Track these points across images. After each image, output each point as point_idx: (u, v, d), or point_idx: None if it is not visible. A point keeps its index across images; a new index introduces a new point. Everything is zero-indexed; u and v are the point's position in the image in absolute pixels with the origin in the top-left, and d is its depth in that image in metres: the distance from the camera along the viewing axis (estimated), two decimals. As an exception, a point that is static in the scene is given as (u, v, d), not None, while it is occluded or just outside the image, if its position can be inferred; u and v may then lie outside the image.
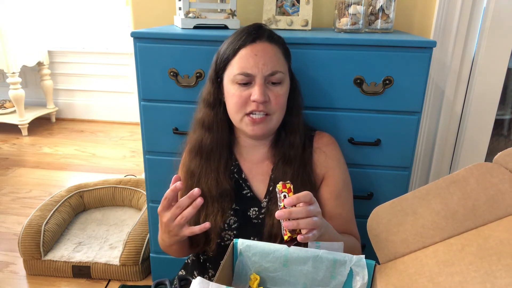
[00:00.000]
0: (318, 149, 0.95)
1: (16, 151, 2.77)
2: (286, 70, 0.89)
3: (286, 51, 0.92)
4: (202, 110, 0.93)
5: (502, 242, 0.49)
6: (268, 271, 0.70)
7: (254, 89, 0.84)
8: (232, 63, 0.86)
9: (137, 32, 1.11)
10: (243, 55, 0.85)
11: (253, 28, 0.88)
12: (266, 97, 0.85)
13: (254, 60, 0.83)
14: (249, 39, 0.85)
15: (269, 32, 0.89)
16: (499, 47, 1.45)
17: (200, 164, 0.93)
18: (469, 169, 0.56)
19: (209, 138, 0.92)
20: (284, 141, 0.93)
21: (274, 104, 0.86)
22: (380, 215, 0.64)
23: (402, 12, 1.45)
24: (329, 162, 0.94)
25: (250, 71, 0.84)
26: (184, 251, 0.95)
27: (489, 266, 0.47)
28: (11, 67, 2.87)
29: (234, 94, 0.86)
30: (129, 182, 1.92)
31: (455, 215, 0.56)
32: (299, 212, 0.66)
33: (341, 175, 0.95)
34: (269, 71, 0.84)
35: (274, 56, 0.86)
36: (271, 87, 0.86)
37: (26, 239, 1.53)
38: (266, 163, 0.95)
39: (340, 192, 0.94)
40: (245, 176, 0.96)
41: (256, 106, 0.84)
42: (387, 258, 0.64)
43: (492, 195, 0.53)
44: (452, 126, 1.58)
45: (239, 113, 0.87)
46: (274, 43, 0.88)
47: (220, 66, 0.89)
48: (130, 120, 3.38)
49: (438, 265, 0.54)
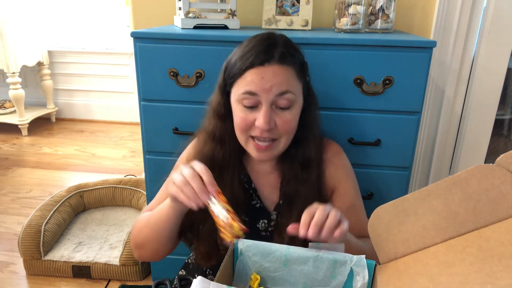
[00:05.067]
0: (328, 160, 0.91)
1: (16, 151, 2.77)
2: (299, 89, 0.82)
3: (301, 68, 0.83)
4: (212, 121, 0.87)
5: (503, 244, 0.49)
6: (269, 271, 0.70)
7: (259, 114, 0.78)
8: (239, 82, 0.80)
9: (137, 32, 1.11)
10: (249, 77, 0.78)
11: (264, 46, 0.79)
12: (272, 123, 0.78)
13: (261, 82, 0.77)
14: (258, 60, 0.77)
15: (281, 52, 0.78)
16: (499, 47, 1.45)
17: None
18: (470, 170, 0.55)
19: (221, 152, 0.87)
20: (296, 158, 0.87)
21: (281, 130, 0.80)
22: (381, 215, 0.64)
23: (402, 12, 1.45)
24: (339, 173, 0.91)
25: (255, 91, 0.77)
26: (166, 246, 0.87)
27: (490, 267, 0.47)
28: (11, 67, 2.87)
29: (239, 115, 0.81)
30: (129, 182, 1.92)
31: (456, 216, 0.56)
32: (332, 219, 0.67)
33: (351, 184, 0.93)
34: (277, 91, 0.77)
35: (283, 78, 0.78)
36: (279, 112, 0.79)
37: (26, 239, 1.53)
38: (274, 174, 0.91)
39: (352, 201, 0.91)
40: (255, 186, 0.92)
41: (260, 133, 0.79)
42: (388, 258, 0.64)
43: (494, 196, 0.53)
44: (452, 126, 1.58)
45: (244, 135, 0.82)
46: (286, 64, 0.79)
47: (227, 81, 0.83)
48: (130, 120, 3.38)
49: (439, 266, 0.54)
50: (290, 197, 0.87)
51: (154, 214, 0.84)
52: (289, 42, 0.83)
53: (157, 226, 0.83)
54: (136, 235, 0.88)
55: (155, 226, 0.83)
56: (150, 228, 0.85)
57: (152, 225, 0.84)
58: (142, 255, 0.91)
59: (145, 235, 0.86)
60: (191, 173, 0.70)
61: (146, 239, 0.86)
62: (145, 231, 0.86)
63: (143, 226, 0.86)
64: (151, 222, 0.84)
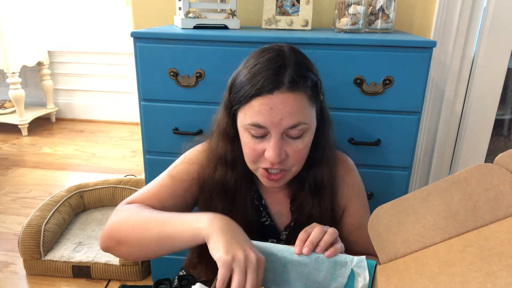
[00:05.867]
0: (340, 178, 0.86)
1: (16, 151, 2.77)
2: (313, 115, 0.74)
3: (314, 91, 0.73)
4: (221, 144, 0.80)
5: (503, 243, 0.49)
6: (269, 272, 0.70)
7: (269, 145, 0.71)
8: (245, 110, 0.71)
9: (137, 32, 1.11)
10: (257, 106, 0.69)
11: (273, 71, 0.69)
12: (283, 155, 0.72)
13: (269, 113, 0.68)
14: (266, 89, 0.68)
15: (292, 77, 0.69)
16: (499, 47, 1.45)
17: (226, 206, 0.82)
18: (470, 170, 0.56)
19: (233, 176, 0.81)
20: (307, 180, 0.82)
21: (292, 160, 0.74)
22: (381, 215, 0.64)
23: (402, 12, 1.45)
24: (350, 191, 0.87)
25: (264, 124, 0.69)
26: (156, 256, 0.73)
27: (490, 267, 0.47)
28: (11, 67, 2.87)
29: (247, 144, 0.74)
30: (129, 182, 1.92)
31: (456, 215, 0.56)
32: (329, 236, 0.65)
33: (361, 203, 0.89)
34: (288, 125, 0.69)
35: (295, 108, 0.69)
36: (290, 141, 0.72)
37: (26, 239, 1.53)
38: (284, 192, 0.87)
39: (362, 221, 0.87)
40: (265, 203, 0.88)
41: (270, 165, 0.73)
42: (388, 258, 0.64)
43: (493, 196, 0.53)
44: (452, 126, 1.58)
45: (253, 165, 0.76)
46: (297, 90, 0.69)
47: (233, 104, 0.74)
48: (130, 120, 3.38)
49: (438, 265, 0.54)
50: (302, 221, 0.83)
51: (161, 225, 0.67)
52: (300, 60, 0.73)
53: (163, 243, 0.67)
54: (118, 229, 0.71)
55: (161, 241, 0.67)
56: (148, 234, 0.68)
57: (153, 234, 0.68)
58: (114, 250, 0.73)
59: (135, 236, 0.69)
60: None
61: (133, 240, 0.70)
62: (138, 232, 0.70)
63: (135, 224, 0.70)
64: (153, 230, 0.68)
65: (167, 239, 0.67)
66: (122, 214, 0.74)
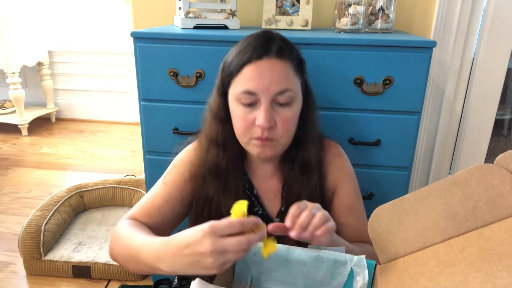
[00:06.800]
0: (329, 162, 0.90)
1: (16, 151, 2.77)
2: (298, 86, 0.80)
3: (299, 65, 0.81)
4: (213, 126, 0.85)
5: (503, 243, 0.49)
6: (269, 271, 0.70)
7: (259, 112, 0.76)
8: (236, 80, 0.77)
9: (137, 32, 1.11)
10: (247, 73, 0.76)
11: (261, 41, 0.78)
12: (272, 121, 0.76)
13: (259, 79, 0.75)
14: (255, 55, 0.75)
15: (279, 46, 0.77)
16: (499, 47, 1.45)
17: (219, 188, 0.85)
18: (470, 170, 0.56)
19: (225, 157, 0.84)
20: (296, 161, 0.86)
21: (280, 129, 0.78)
22: (381, 215, 0.64)
23: (402, 12, 1.45)
24: (339, 174, 0.90)
25: (254, 90, 0.75)
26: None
27: (490, 267, 0.47)
28: (11, 67, 2.87)
29: (238, 115, 0.78)
30: (129, 182, 1.92)
31: (455, 216, 0.56)
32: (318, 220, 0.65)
33: (351, 186, 0.91)
34: (277, 90, 0.75)
35: (283, 74, 0.76)
36: (279, 109, 0.77)
37: (26, 239, 1.53)
38: (274, 179, 0.90)
39: (352, 203, 0.90)
40: (257, 193, 0.90)
41: (261, 133, 0.77)
42: (388, 258, 0.64)
43: (493, 196, 0.53)
44: (452, 126, 1.59)
45: (245, 137, 0.80)
46: (284, 58, 0.77)
47: (225, 81, 0.81)
48: (130, 120, 3.38)
49: (438, 266, 0.54)
50: (292, 202, 0.86)
51: (142, 256, 0.66)
52: (285, 39, 0.82)
53: (144, 269, 0.68)
54: (115, 255, 0.76)
55: (142, 267, 0.68)
56: (134, 261, 0.70)
57: (138, 262, 0.68)
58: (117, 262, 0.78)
59: (126, 262, 0.73)
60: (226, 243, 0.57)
61: (127, 266, 0.73)
62: (126, 260, 0.72)
63: (123, 251, 0.73)
64: (136, 259, 0.68)
65: (145, 267, 0.67)
66: (115, 233, 0.77)
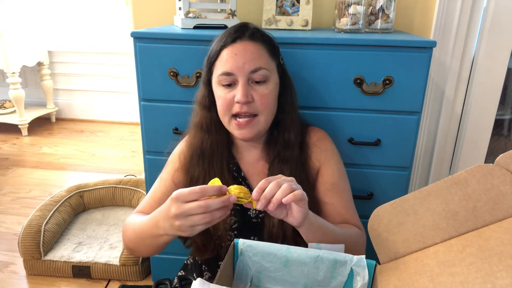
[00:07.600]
0: (312, 144, 0.94)
1: (16, 151, 2.77)
2: (273, 67, 0.87)
3: (273, 48, 0.89)
4: (199, 113, 0.92)
5: (503, 243, 0.49)
6: (269, 271, 0.70)
7: (237, 89, 0.84)
8: (216, 65, 0.86)
9: (137, 32, 1.11)
10: (224, 56, 0.84)
11: (235, 28, 0.87)
12: (250, 97, 0.83)
13: (234, 59, 0.83)
14: (230, 39, 0.85)
15: (252, 31, 0.87)
16: (499, 47, 1.45)
17: (204, 168, 0.91)
18: (470, 170, 0.56)
19: (209, 141, 0.91)
20: (278, 140, 0.92)
21: (259, 104, 0.84)
22: (381, 215, 0.64)
23: (402, 12, 1.45)
24: (323, 155, 0.94)
25: (231, 70, 0.83)
26: (161, 248, 0.83)
27: (490, 267, 0.47)
28: (11, 67, 2.87)
29: (220, 96, 0.86)
30: (129, 182, 1.92)
31: (456, 216, 0.56)
32: (282, 192, 0.65)
33: (335, 165, 0.94)
34: (251, 68, 0.83)
35: (256, 54, 0.84)
36: (256, 86, 0.85)
37: (26, 239, 1.53)
38: (261, 162, 0.94)
39: (336, 182, 0.93)
40: (244, 175, 0.95)
41: (240, 108, 0.83)
42: (388, 258, 0.64)
43: (493, 196, 0.53)
44: (452, 126, 1.59)
45: (226, 115, 0.86)
46: (256, 41, 0.86)
47: (208, 68, 0.89)
48: (130, 120, 3.38)
49: (439, 266, 0.54)
50: None
51: (145, 229, 0.78)
52: (259, 27, 0.90)
53: (149, 241, 0.79)
54: (127, 241, 0.87)
55: (147, 241, 0.79)
56: (140, 239, 0.81)
57: (143, 238, 0.80)
58: (136, 255, 0.92)
59: (136, 244, 0.84)
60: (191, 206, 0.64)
61: (137, 247, 0.85)
62: (135, 241, 0.83)
63: (132, 234, 0.84)
64: (142, 235, 0.79)
65: (147, 239, 0.79)
66: (125, 225, 0.89)
